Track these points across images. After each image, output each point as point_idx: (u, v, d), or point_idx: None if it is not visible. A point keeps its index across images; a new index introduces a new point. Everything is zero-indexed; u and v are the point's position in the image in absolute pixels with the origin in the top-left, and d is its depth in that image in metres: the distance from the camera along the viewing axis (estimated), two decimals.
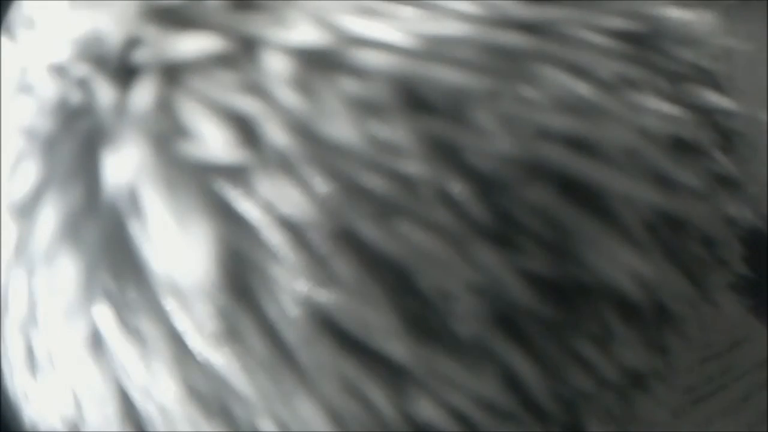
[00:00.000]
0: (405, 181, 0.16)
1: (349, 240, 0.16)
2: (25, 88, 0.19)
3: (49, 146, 0.18)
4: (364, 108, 0.17)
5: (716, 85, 0.19)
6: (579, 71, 0.17)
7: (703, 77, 0.19)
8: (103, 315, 0.18)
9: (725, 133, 0.20)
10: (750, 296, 0.31)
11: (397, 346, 0.16)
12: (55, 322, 0.18)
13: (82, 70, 0.18)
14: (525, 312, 0.17)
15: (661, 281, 0.18)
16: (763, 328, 0.30)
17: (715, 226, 0.19)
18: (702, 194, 0.19)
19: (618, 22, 0.18)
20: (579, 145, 0.17)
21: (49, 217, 0.18)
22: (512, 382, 0.17)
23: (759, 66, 0.30)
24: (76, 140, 0.18)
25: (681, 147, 0.18)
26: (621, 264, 0.17)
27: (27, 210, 0.19)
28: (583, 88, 0.17)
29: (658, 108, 0.18)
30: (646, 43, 0.18)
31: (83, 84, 0.18)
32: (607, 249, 0.17)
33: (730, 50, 0.20)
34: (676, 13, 0.19)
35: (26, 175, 0.19)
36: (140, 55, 0.18)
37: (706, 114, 0.19)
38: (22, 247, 0.19)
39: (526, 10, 0.17)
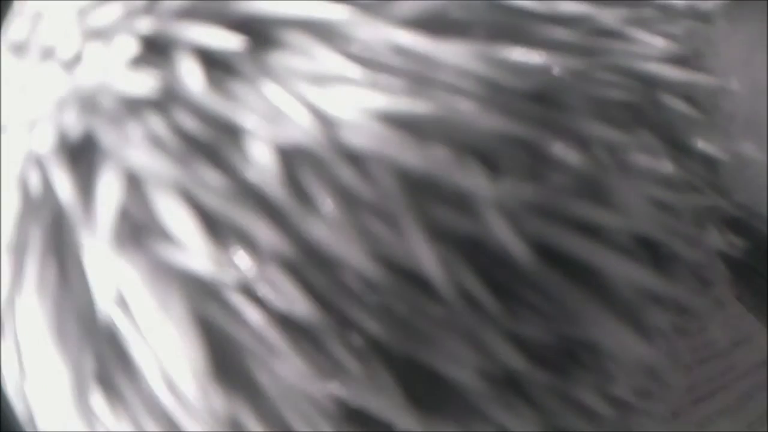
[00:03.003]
0: (409, 276, 0.16)
1: (356, 336, 0.16)
2: None
3: (15, 239, 0.18)
4: (364, 210, 0.16)
5: (709, 129, 0.19)
6: (583, 144, 0.17)
7: (697, 125, 0.19)
8: (101, 407, 0.18)
9: (715, 170, 0.20)
10: (750, 296, 0.31)
11: (404, 419, 0.16)
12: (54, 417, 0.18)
13: (41, 148, 0.18)
14: (528, 380, 0.17)
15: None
16: (763, 328, 0.30)
17: (707, 262, 0.20)
18: (697, 241, 0.19)
19: (616, 92, 0.17)
20: (582, 227, 0.17)
21: (32, 321, 0.18)
22: None
23: (759, 69, 0.30)
24: (42, 228, 0.18)
25: (679, 212, 0.19)
26: (622, 343, 0.18)
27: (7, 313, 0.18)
28: (587, 166, 0.17)
29: (656, 173, 0.18)
30: (642, 104, 0.18)
31: (42, 168, 0.18)
32: (610, 328, 0.17)
33: (724, 89, 0.20)
34: (675, 72, 0.18)
35: (2, 276, 0.18)
36: (101, 141, 0.17)
37: (701, 161, 0.19)
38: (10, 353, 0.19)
39: (529, 80, 0.17)
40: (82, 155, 0.17)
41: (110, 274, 0.17)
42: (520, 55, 0.17)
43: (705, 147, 0.19)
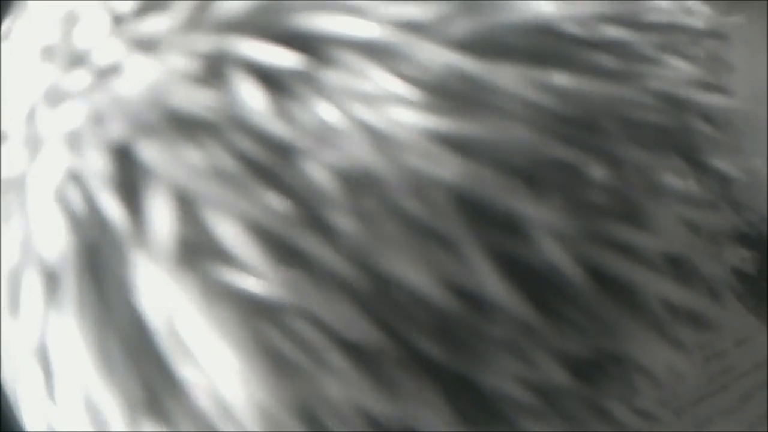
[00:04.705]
0: (465, 297, 0.16)
1: (413, 356, 0.16)
2: (13, 184, 0.18)
3: (51, 260, 0.18)
4: (425, 233, 0.16)
5: (726, 147, 0.20)
6: (620, 167, 0.17)
7: (716, 144, 0.20)
8: None
9: (730, 186, 0.20)
10: (750, 296, 0.31)
11: None
12: None
13: (75, 163, 0.17)
14: (564, 394, 0.18)
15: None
16: (763, 328, 0.31)
17: (721, 278, 0.20)
18: (715, 257, 0.19)
19: (650, 116, 0.18)
20: (621, 247, 0.17)
21: (72, 344, 0.17)
22: None
23: (759, 69, 0.30)
24: (81, 248, 0.17)
25: (701, 230, 0.19)
26: (656, 356, 0.18)
27: (42, 350, 0.18)
28: (624, 188, 0.17)
29: (684, 193, 0.18)
30: (671, 126, 0.18)
31: (80, 180, 0.17)
32: (644, 342, 0.18)
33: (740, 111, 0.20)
34: (700, 95, 0.19)
35: (30, 295, 0.18)
36: (148, 158, 0.17)
37: (718, 178, 0.20)
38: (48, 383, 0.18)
39: (572, 104, 0.17)
40: (125, 172, 0.17)
41: (163, 296, 0.17)
42: (564, 79, 0.17)
43: (722, 165, 0.20)
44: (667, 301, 0.18)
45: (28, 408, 0.19)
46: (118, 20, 0.18)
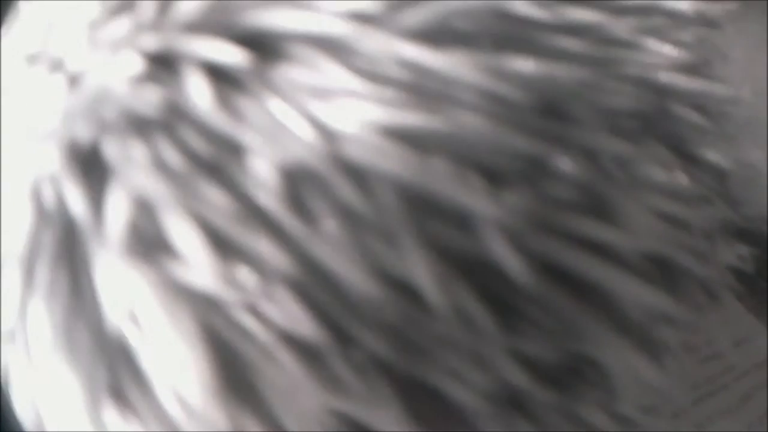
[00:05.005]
0: (408, 293, 0.16)
1: (358, 352, 0.16)
2: None
3: (27, 247, 0.18)
4: (365, 228, 0.16)
5: (719, 138, 0.19)
6: (590, 157, 0.17)
7: (707, 134, 0.19)
8: (112, 419, 0.18)
9: (724, 179, 0.20)
10: (750, 296, 0.31)
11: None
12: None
13: (52, 161, 0.18)
14: (531, 397, 0.17)
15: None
16: (763, 328, 0.30)
17: (716, 277, 0.20)
18: (707, 255, 0.19)
19: (626, 102, 0.17)
20: (588, 244, 0.17)
21: (41, 329, 0.18)
22: None
23: (759, 69, 0.30)
24: (54, 240, 0.18)
25: (690, 226, 0.18)
26: (628, 364, 0.18)
27: (17, 327, 0.18)
28: (593, 180, 0.17)
29: (667, 185, 0.18)
30: (652, 114, 0.18)
31: (54, 181, 0.18)
32: (615, 348, 0.17)
33: (735, 98, 0.20)
34: (684, 81, 0.18)
35: (9, 282, 0.18)
36: (108, 156, 0.17)
37: (710, 171, 0.19)
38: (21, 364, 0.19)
39: (534, 92, 0.16)
40: (92, 169, 0.17)
41: (121, 288, 0.17)
42: (526, 66, 0.17)
43: (714, 157, 0.19)
44: (648, 306, 0.18)
45: (15, 389, 0.19)
46: (90, 25, 0.18)
